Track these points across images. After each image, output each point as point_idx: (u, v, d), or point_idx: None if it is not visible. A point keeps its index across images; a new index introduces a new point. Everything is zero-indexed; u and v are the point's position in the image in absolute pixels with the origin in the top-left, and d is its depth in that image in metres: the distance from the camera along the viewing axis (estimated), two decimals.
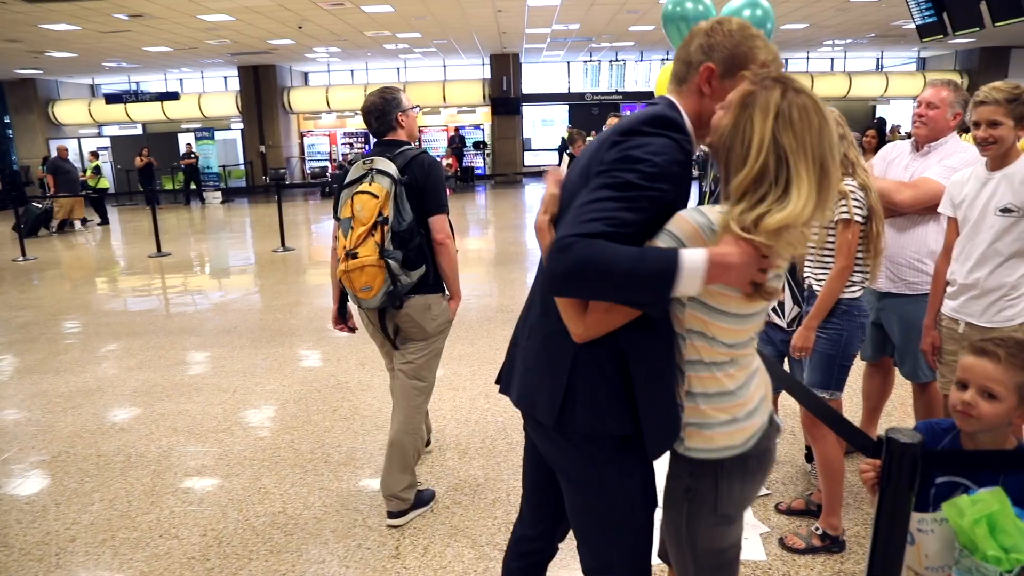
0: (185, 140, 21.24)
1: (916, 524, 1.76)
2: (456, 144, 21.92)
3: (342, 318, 3.26)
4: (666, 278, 1.29)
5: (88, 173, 15.50)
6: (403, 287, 2.86)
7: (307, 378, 4.94)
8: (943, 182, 2.85)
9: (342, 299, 3.20)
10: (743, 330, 1.47)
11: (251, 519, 3.12)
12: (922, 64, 23.71)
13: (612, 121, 6.04)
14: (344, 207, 2.89)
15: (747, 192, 1.35)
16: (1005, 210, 2.50)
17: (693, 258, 1.29)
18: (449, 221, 3.01)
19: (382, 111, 2.98)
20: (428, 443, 3.73)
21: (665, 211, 1.38)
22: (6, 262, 10.77)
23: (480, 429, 3.98)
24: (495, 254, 9.98)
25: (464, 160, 21.96)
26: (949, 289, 2.72)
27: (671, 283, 1.29)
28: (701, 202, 5.36)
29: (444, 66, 23.03)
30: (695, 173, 19.18)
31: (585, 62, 22.31)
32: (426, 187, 2.90)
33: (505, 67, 21.28)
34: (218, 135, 21.93)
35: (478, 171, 22.50)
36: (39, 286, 8.87)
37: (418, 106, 3.29)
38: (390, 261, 2.81)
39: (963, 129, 3.40)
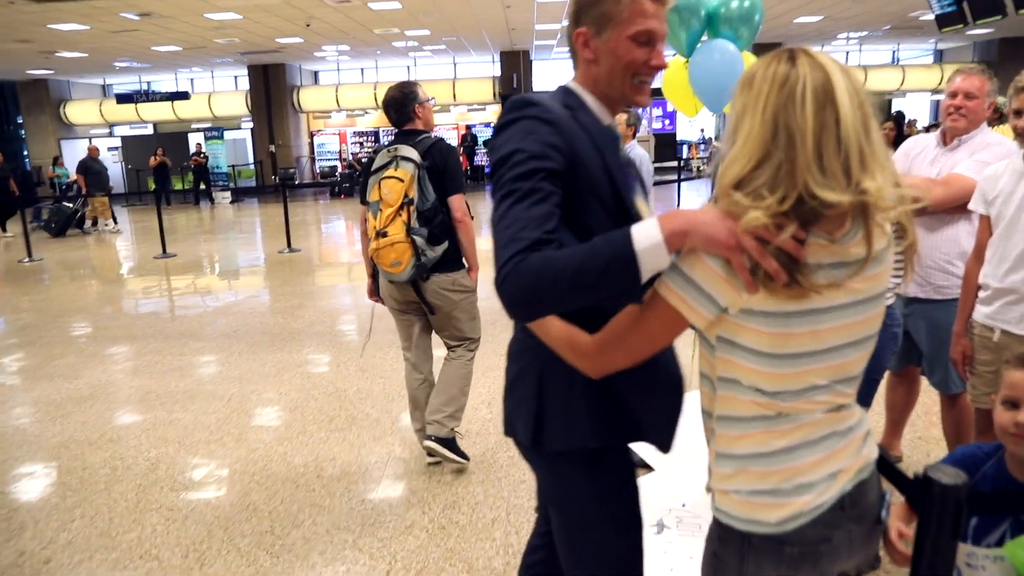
0: (195, 140, 21.21)
1: (965, 558, 1.57)
2: (468, 143, 21.77)
3: (377, 291, 3.58)
4: (624, 258, 1.11)
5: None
6: (428, 261, 3.18)
7: (305, 385, 4.77)
8: (976, 178, 2.63)
9: (375, 274, 3.50)
10: (790, 374, 1.16)
11: (236, 539, 2.95)
12: (939, 56, 23.29)
13: (621, 117, 5.82)
14: (372, 191, 3.22)
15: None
16: None
17: (645, 228, 1.12)
18: (466, 200, 3.32)
19: (400, 103, 3.26)
20: (448, 441, 3.48)
21: (569, 178, 1.31)
22: (11, 263, 10.71)
23: (481, 441, 3.80)
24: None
25: (475, 158, 21.80)
26: (982, 294, 2.50)
27: (632, 262, 1.11)
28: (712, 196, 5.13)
29: (454, 64, 22.87)
30: (706, 169, 18.96)
31: None
32: (446, 170, 3.21)
33: (515, 64, 21.08)
34: (228, 135, 21.90)
35: (488, 170, 22.32)
36: (42, 288, 8.78)
37: (433, 98, 3.50)
38: (416, 238, 3.14)
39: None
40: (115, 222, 14.42)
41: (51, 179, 19.06)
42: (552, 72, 22.57)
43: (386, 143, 3.36)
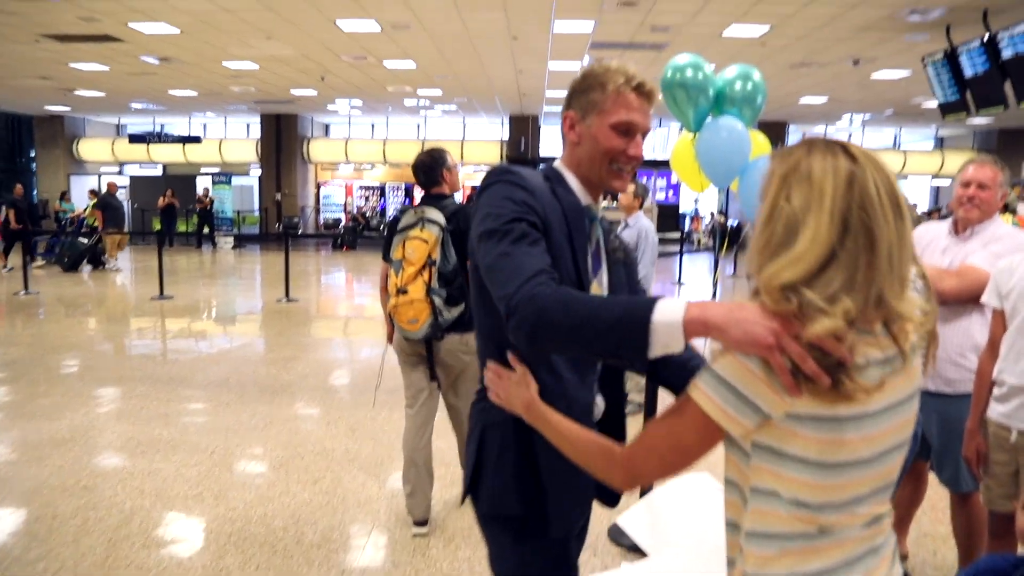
0: (203, 183, 21.39)
1: None
2: (475, 203, 21.96)
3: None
4: (639, 321, 1.10)
5: (88, 211, 15.39)
6: (445, 321, 3.24)
7: (292, 442, 4.63)
8: (990, 270, 2.58)
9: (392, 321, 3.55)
10: (838, 485, 1.06)
11: None
12: (940, 143, 23.70)
13: (629, 188, 5.83)
14: (396, 249, 3.31)
15: (756, 264, 1.11)
16: None
17: (672, 303, 1.10)
18: None
19: (429, 167, 3.40)
20: (423, 522, 3.41)
21: (544, 238, 1.38)
22: (7, 295, 10.63)
23: (470, 510, 3.64)
24: None
25: None
26: (997, 390, 2.42)
27: (644, 329, 1.09)
28: (715, 274, 5.13)
29: (464, 124, 23.24)
30: (708, 242, 19.08)
31: None
32: (469, 234, 3.09)
33: (524, 128, 21.43)
34: (235, 180, 22.10)
35: None
36: (35, 322, 8.68)
37: (459, 163, 3.49)
38: (435, 298, 3.21)
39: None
40: (115, 260, 14.39)
41: (56, 213, 19.14)
42: (559, 138, 22.90)
43: (382, 204, 3.45)
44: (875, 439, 1.06)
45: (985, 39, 7.97)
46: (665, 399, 4.85)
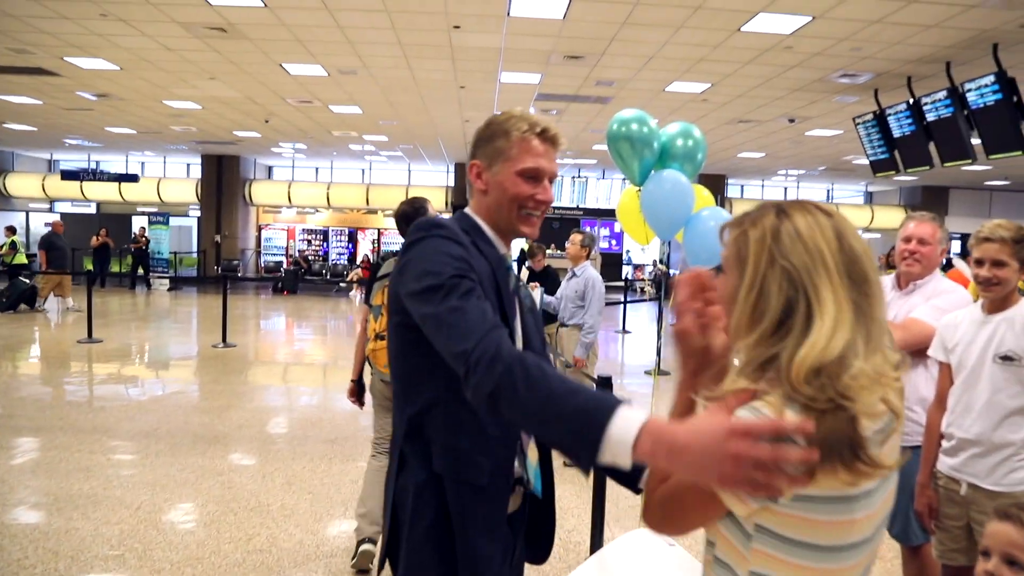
0: (139, 223, 20.75)
1: None
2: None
3: (359, 393, 3.68)
4: (593, 424, 1.03)
5: (4, 249, 14.68)
6: None
7: (225, 496, 4.38)
8: (933, 323, 2.63)
9: (360, 375, 3.67)
10: (844, 569, 1.00)
11: None
12: (869, 198, 24.78)
13: (576, 238, 5.88)
14: (376, 295, 3.44)
15: (747, 337, 1.03)
16: (1006, 358, 2.28)
17: (630, 419, 1.02)
18: None
19: (411, 217, 3.51)
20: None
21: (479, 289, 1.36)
22: None
23: None
24: None
25: None
26: (946, 444, 2.44)
27: (596, 434, 1.02)
28: (660, 324, 5.15)
29: (409, 170, 23.25)
30: (651, 292, 19.37)
31: None
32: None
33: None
34: (173, 221, 21.52)
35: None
36: None
37: (440, 213, 3.61)
38: None
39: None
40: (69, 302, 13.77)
41: None
42: None
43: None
44: (875, 514, 1.02)
45: (911, 103, 8.39)
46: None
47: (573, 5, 6.85)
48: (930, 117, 8.07)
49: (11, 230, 15.55)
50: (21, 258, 15.17)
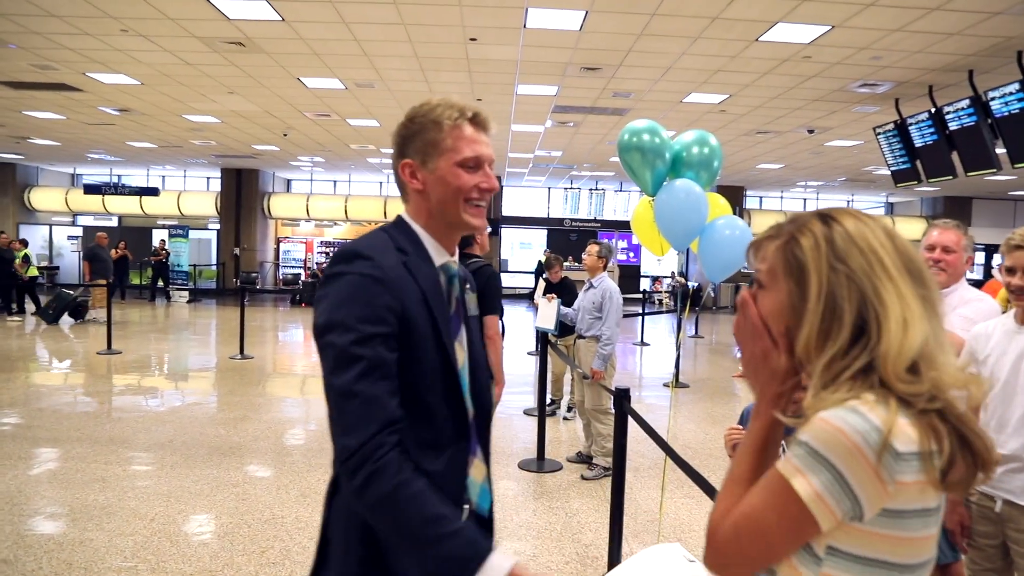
0: (159, 236, 20.96)
1: None
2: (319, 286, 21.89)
3: None
4: (463, 572, 1.12)
5: (17, 262, 14.81)
6: None
7: (239, 509, 4.36)
8: (962, 334, 2.55)
9: None
10: None
11: None
12: (890, 208, 24.53)
13: (592, 249, 5.83)
14: None
15: (823, 350, 0.97)
16: None
17: (499, 564, 1.11)
18: (503, 322, 3.75)
19: None
20: None
21: (400, 336, 1.30)
22: None
23: None
24: None
25: None
26: None
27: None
28: (678, 336, 5.07)
29: None
30: (669, 304, 19.25)
31: (566, 188, 22.77)
32: (484, 292, 3.44)
33: None
34: (193, 234, 21.71)
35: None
36: None
37: (490, 228, 3.72)
38: None
39: None
40: (37, 309, 14.01)
41: None
42: (522, 198, 23.16)
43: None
44: (935, 532, 0.98)
45: (932, 112, 8.29)
46: (636, 467, 4.69)
47: (590, 16, 6.84)
48: (953, 126, 7.96)
49: (23, 243, 15.74)
50: (33, 271, 15.33)
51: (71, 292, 13.62)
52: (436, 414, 1.38)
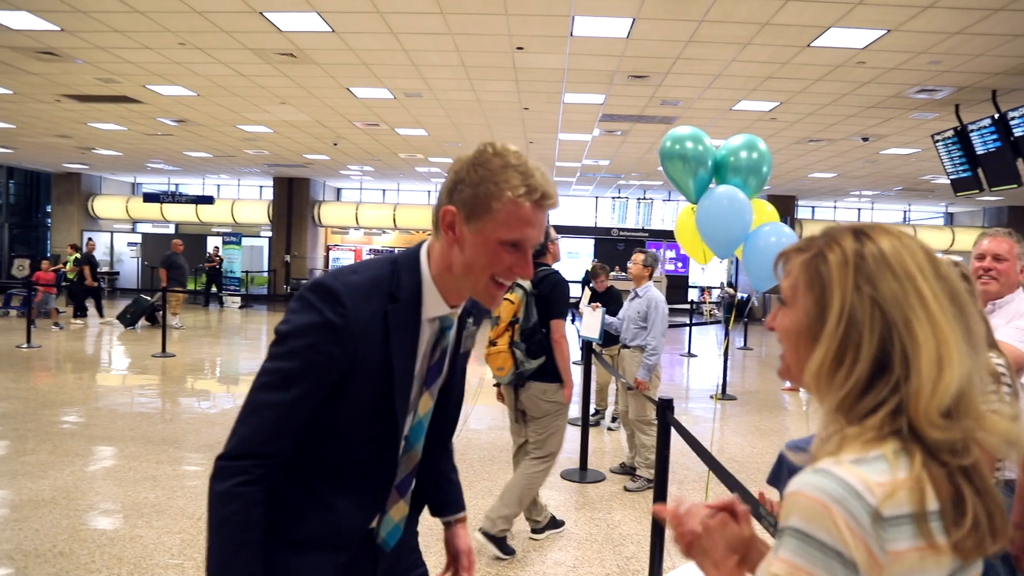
0: (213, 243, 21.54)
1: None
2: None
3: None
4: None
5: (69, 265, 15.29)
6: (526, 370, 3.82)
7: None
8: (1019, 346, 2.45)
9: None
10: None
11: None
12: (950, 219, 23.74)
13: (638, 258, 5.78)
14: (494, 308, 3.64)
15: (835, 380, 0.87)
16: None
17: None
18: (574, 323, 4.04)
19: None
20: (540, 529, 4.17)
21: (342, 382, 1.29)
22: (10, 347, 10.53)
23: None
24: None
25: None
26: None
27: None
28: (726, 348, 4.98)
29: None
30: (717, 315, 18.94)
31: (613, 198, 22.65)
32: (551, 298, 3.86)
33: None
34: (245, 241, 22.24)
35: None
36: (32, 376, 8.53)
37: (559, 236, 4.23)
38: (516, 350, 3.81)
39: None
40: (80, 312, 14.47)
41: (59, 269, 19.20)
42: (569, 207, 23.12)
43: None
44: None
45: (996, 118, 8.00)
46: (680, 479, 4.61)
47: (637, 24, 6.80)
48: (1017, 132, 7.66)
49: (75, 248, 16.27)
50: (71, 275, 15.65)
51: (148, 298, 14.11)
52: (360, 454, 1.37)
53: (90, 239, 16.75)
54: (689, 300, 19.27)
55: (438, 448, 1.53)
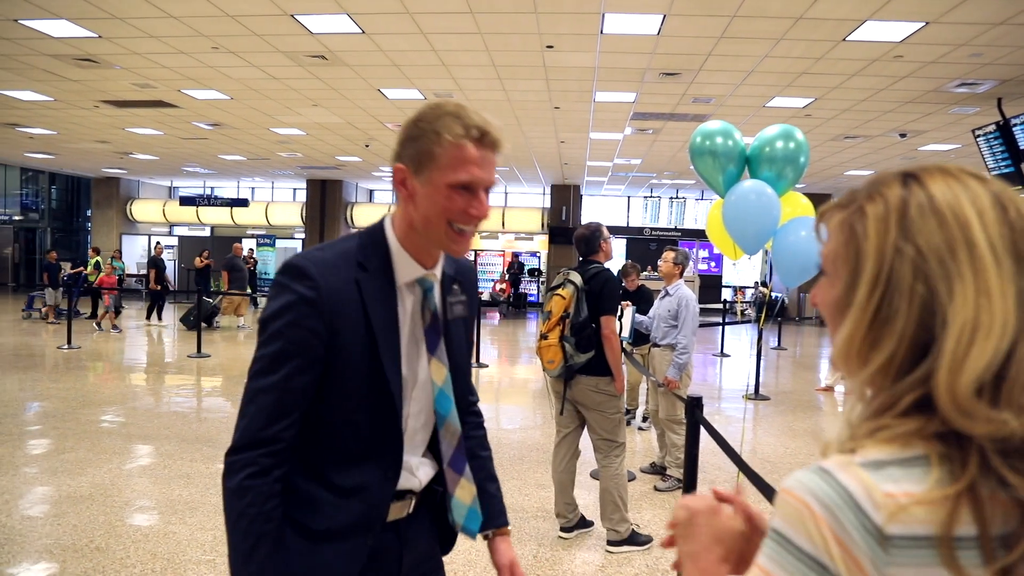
0: (248, 245, 21.86)
1: None
2: (514, 270, 21.97)
3: None
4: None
5: (89, 268, 15.46)
6: (575, 364, 3.93)
7: None
8: None
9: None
10: None
11: None
12: None
13: (668, 256, 5.71)
14: (546, 303, 4.09)
15: (868, 363, 0.72)
16: None
17: None
18: (620, 320, 4.28)
19: (588, 239, 4.12)
20: (569, 528, 4.21)
21: (329, 356, 1.30)
22: (51, 348, 10.78)
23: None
24: (540, 386, 9.50)
25: (519, 286, 21.93)
26: None
27: None
28: (759, 348, 4.89)
29: (505, 192, 23.51)
30: (752, 313, 18.69)
31: (645, 197, 22.50)
32: (601, 294, 3.95)
33: (565, 197, 21.56)
34: (279, 243, 22.54)
35: (531, 298, 22.39)
36: (72, 376, 8.72)
37: (611, 236, 4.27)
38: (566, 344, 3.93)
39: None
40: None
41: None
42: (601, 207, 23.01)
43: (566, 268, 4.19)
44: None
45: None
46: (711, 479, 4.55)
47: (668, 20, 6.73)
48: None
49: (96, 251, 16.52)
50: (92, 276, 15.73)
51: (211, 300, 14.41)
52: (363, 431, 1.37)
53: (158, 243, 17.04)
54: (722, 299, 19.04)
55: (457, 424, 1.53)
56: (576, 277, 3.97)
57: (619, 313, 4.17)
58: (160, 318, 15.32)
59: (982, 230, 0.68)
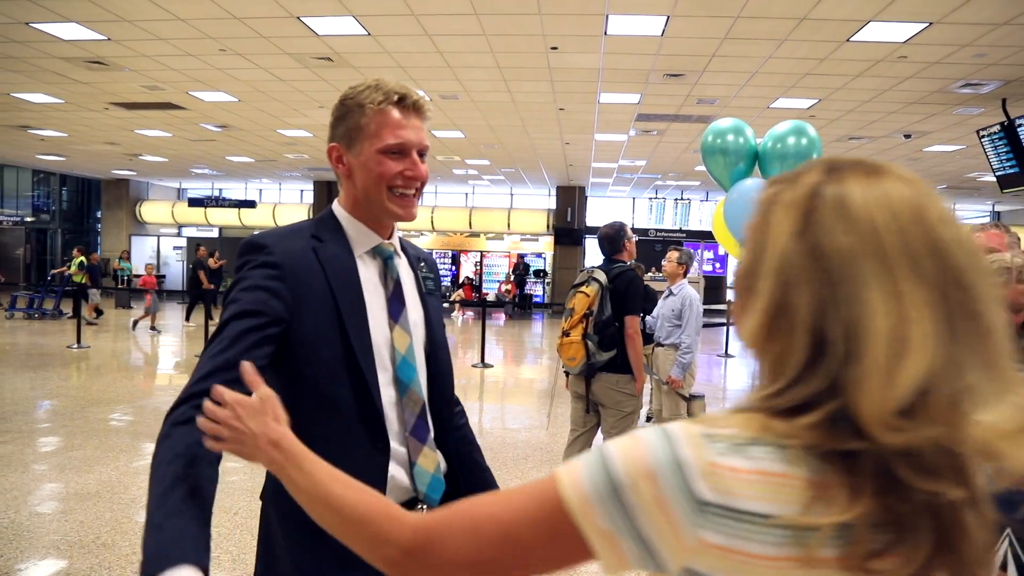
0: None
1: None
2: (520, 271, 22.01)
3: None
4: (146, 564, 0.97)
5: (73, 268, 15.22)
6: (597, 362, 3.96)
7: None
8: None
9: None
10: None
11: None
12: (997, 218, 23.04)
13: (673, 255, 5.73)
14: (569, 300, 4.12)
15: (768, 351, 0.71)
16: None
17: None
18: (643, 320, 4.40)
19: (613, 238, 4.21)
20: None
21: (292, 322, 1.29)
22: (60, 347, 10.87)
23: None
24: (545, 385, 9.53)
25: (525, 287, 21.96)
26: None
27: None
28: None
29: (511, 194, 23.55)
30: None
31: (650, 199, 22.49)
32: (626, 293, 4.00)
33: (571, 199, 21.59)
34: None
35: (537, 299, 22.43)
36: (81, 375, 8.81)
37: (635, 236, 4.36)
38: (589, 342, 3.95)
39: None
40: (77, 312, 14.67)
41: (115, 271, 19.78)
42: (607, 209, 23.02)
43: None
44: None
45: None
46: None
47: (671, 21, 6.76)
48: None
49: (80, 250, 16.39)
50: (85, 278, 15.22)
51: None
52: (341, 406, 1.35)
53: (200, 245, 17.05)
54: (727, 300, 19.01)
55: (443, 398, 1.53)
56: (601, 275, 4.03)
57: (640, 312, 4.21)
58: (188, 319, 15.46)
59: (893, 237, 0.65)
